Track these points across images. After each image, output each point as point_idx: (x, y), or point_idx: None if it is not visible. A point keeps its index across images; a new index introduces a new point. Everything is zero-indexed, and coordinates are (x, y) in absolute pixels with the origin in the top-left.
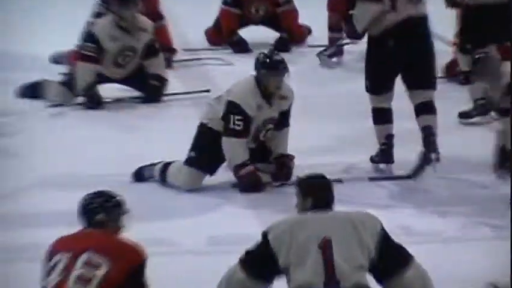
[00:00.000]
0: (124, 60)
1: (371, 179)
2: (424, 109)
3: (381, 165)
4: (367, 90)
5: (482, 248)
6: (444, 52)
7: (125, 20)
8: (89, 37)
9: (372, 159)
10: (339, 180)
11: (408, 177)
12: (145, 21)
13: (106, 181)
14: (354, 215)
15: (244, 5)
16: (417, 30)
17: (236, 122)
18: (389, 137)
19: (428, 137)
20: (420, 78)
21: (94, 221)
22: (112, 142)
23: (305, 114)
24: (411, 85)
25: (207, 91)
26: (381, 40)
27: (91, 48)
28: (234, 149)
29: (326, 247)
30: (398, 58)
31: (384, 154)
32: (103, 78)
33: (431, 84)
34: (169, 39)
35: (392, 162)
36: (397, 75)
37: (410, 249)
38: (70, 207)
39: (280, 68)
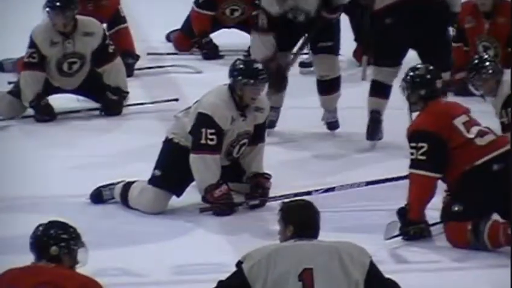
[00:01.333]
0: (70, 68)
1: (369, 183)
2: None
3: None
4: (374, 62)
5: (481, 277)
6: None
7: (65, 24)
8: (30, 42)
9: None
10: (332, 188)
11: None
12: (93, 25)
13: (60, 203)
14: (341, 245)
15: (218, 7)
16: (432, 7)
17: (209, 137)
18: (378, 113)
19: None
20: (435, 58)
21: (46, 255)
22: (66, 159)
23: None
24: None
25: (175, 100)
26: (393, 12)
27: (31, 54)
28: (206, 167)
29: (306, 278)
30: (410, 33)
31: (373, 130)
32: (52, 88)
33: (445, 66)
34: (130, 44)
35: (379, 139)
36: (406, 51)
37: (402, 279)
38: (22, 232)
39: (259, 77)
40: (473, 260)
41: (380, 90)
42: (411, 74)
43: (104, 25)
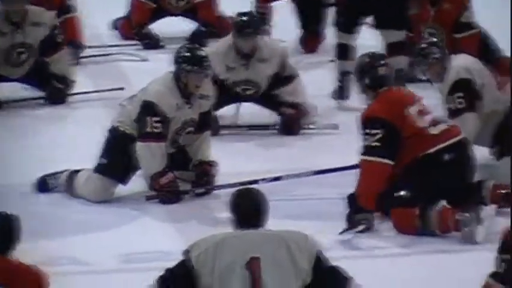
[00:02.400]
0: (18, 58)
1: (316, 172)
2: (395, 49)
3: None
4: (337, 27)
5: (429, 262)
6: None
7: (14, 14)
8: None
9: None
10: (279, 177)
11: (357, 166)
12: (41, 15)
13: (4, 193)
14: (288, 234)
15: None
16: None
17: (154, 124)
18: (346, 74)
19: (400, 78)
20: (392, 17)
21: None
22: (11, 148)
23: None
24: (383, 25)
25: (120, 89)
26: None
27: None
28: (152, 154)
29: (253, 267)
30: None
31: (341, 91)
32: None
33: (402, 25)
34: (78, 34)
35: (346, 98)
36: (366, 16)
37: (350, 266)
38: None
39: (203, 64)
40: (421, 245)
41: (345, 52)
42: (356, 63)
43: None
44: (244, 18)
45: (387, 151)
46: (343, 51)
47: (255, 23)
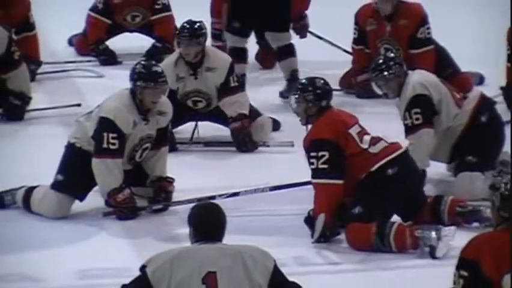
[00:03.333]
0: None
1: (273, 188)
2: (285, 52)
3: None
4: (229, 31)
5: (384, 279)
6: (341, 62)
7: None
8: None
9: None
10: (237, 193)
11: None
12: None
13: None
14: (245, 249)
15: (116, 13)
16: None
17: (110, 141)
18: (243, 76)
19: (294, 80)
20: (273, 20)
21: None
22: None
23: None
24: (268, 28)
25: (77, 105)
26: None
27: None
28: (108, 171)
29: (210, 281)
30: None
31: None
32: None
33: (283, 26)
34: (36, 51)
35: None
36: (253, 19)
37: (306, 282)
38: None
39: (158, 80)
40: (377, 261)
41: (239, 56)
42: (307, 89)
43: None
44: (186, 25)
45: (335, 171)
46: (237, 55)
47: (195, 29)
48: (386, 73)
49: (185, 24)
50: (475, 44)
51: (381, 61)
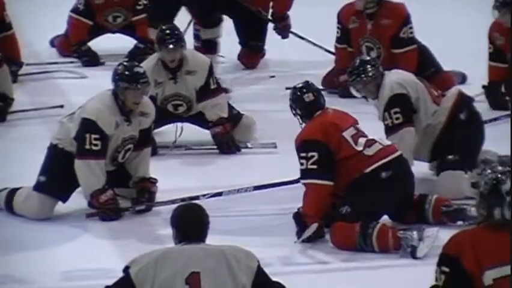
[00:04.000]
0: None
1: (256, 187)
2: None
3: None
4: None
5: (369, 278)
6: (323, 62)
7: None
8: None
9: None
10: (220, 193)
11: (297, 181)
12: None
13: None
14: (229, 249)
15: (98, 14)
16: None
17: (93, 142)
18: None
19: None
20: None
21: None
22: None
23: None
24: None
25: (60, 107)
26: None
27: None
28: (91, 172)
29: (193, 282)
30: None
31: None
32: None
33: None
34: (16, 51)
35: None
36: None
37: (290, 282)
38: None
39: (139, 81)
40: (361, 260)
41: (211, 47)
42: (290, 100)
43: None
44: (166, 30)
45: (324, 172)
46: (209, 46)
47: (176, 35)
48: (363, 76)
49: (166, 31)
50: (458, 43)
51: (357, 65)
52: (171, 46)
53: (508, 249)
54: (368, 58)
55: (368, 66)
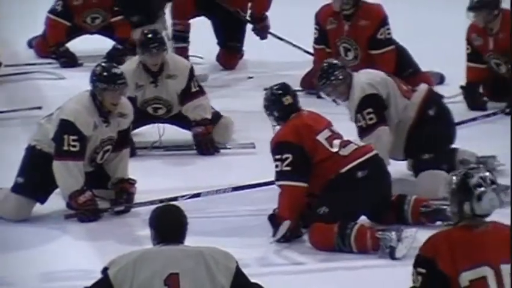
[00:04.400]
0: None
1: (234, 188)
2: None
3: None
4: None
5: (347, 278)
6: (302, 63)
7: None
8: None
9: None
10: (198, 194)
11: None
12: None
13: None
14: (207, 250)
15: (76, 15)
16: None
17: (71, 143)
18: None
19: None
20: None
21: None
22: None
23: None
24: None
25: (38, 108)
26: None
27: None
28: (69, 173)
29: (172, 283)
30: None
31: None
32: None
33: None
34: None
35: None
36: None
37: (268, 283)
38: None
39: (117, 82)
40: (338, 261)
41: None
42: (264, 98)
43: None
44: (148, 34)
45: (299, 174)
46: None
47: (158, 39)
48: (332, 79)
49: (148, 35)
50: (436, 43)
51: (325, 69)
52: (154, 50)
53: (483, 251)
54: (335, 62)
55: (336, 68)
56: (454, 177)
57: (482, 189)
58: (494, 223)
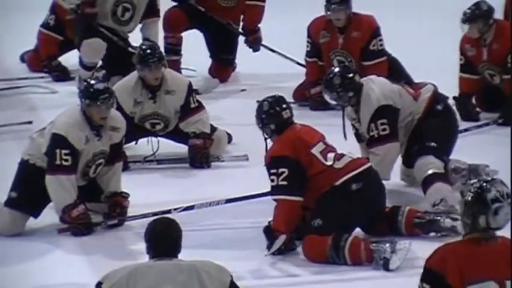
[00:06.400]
0: None
1: (228, 200)
2: None
3: None
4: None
5: None
6: (294, 75)
7: None
8: None
9: None
10: (192, 207)
11: (268, 194)
12: None
13: None
14: (201, 264)
15: (68, 29)
16: None
17: (63, 157)
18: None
19: None
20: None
21: None
22: None
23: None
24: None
25: (29, 123)
26: None
27: None
28: (62, 187)
29: None
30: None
31: None
32: None
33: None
34: None
35: None
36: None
37: None
38: None
39: (99, 98)
40: (332, 273)
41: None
42: (258, 109)
43: None
44: (146, 49)
45: (295, 188)
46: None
47: (159, 52)
48: (347, 82)
49: (147, 50)
50: (428, 54)
51: (330, 76)
52: (153, 65)
53: (491, 266)
54: (338, 69)
55: (352, 72)
56: (469, 189)
57: (500, 204)
58: (503, 238)
